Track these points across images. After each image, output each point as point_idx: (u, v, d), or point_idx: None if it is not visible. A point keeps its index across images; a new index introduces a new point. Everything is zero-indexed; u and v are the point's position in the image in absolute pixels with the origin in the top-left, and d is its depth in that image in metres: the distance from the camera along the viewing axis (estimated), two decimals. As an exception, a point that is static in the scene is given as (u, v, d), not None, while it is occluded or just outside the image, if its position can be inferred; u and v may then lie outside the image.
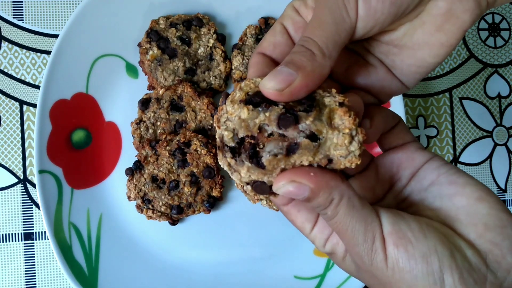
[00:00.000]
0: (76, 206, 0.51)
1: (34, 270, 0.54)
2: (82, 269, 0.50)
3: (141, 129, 0.53)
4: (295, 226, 0.31)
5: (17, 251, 0.53)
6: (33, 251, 0.54)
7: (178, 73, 0.53)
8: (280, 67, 0.25)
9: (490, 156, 0.63)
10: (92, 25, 0.51)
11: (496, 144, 0.64)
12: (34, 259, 0.54)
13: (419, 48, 0.29)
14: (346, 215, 0.26)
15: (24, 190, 0.54)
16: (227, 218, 0.55)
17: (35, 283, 0.53)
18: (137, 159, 0.52)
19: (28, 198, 0.54)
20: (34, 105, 0.54)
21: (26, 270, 0.53)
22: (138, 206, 0.52)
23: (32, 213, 0.54)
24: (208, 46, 0.54)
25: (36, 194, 0.52)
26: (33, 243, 0.54)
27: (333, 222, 0.26)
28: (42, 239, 0.54)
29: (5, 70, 0.54)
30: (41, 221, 0.54)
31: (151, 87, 0.54)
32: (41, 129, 0.50)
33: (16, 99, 0.54)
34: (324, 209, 0.26)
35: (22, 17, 0.55)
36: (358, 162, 0.25)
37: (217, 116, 0.26)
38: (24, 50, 0.55)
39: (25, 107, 0.55)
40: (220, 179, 0.52)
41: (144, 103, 0.52)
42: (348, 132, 0.25)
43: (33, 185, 0.54)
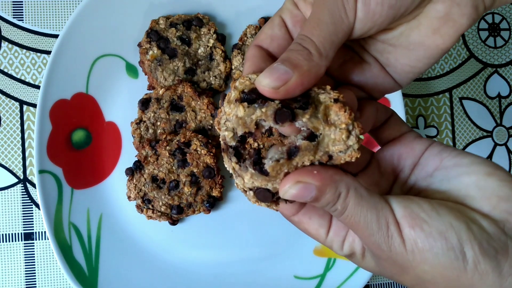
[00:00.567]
0: (76, 206, 0.51)
1: (34, 270, 0.54)
2: (82, 269, 0.50)
3: (141, 129, 0.53)
4: (309, 235, 0.31)
5: (17, 251, 0.53)
6: (33, 251, 0.54)
7: (178, 73, 0.53)
8: (276, 64, 0.25)
9: (490, 156, 0.63)
10: (92, 25, 0.51)
11: (496, 144, 0.63)
12: (34, 259, 0.54)
13: (415, 49, 0.29)
14: (356, 206, 0.26)
15: (24, 190, 0.54)
16: (227, 218, 0.55)
17: (35, 283, 0.53)
18: (137, 159, 0.52)
19: (28, 198, 0.54)
20: (34, 105, 0.54)
21: (26, 270, 0.53)
22: (138, 206, 0.52)
23: (32, 213, 0.54)
24: (208, 46, 0.54)
25: (36, 194, 0.52)
26: (33, 243, 0.54)
27: (344, 216, 0.26)
28: (42, 239, 0.54)
29: (5, 70, 0.54)
30: (41, 221, 0.54)
31: (151, 87, 0.54)
32: (41, 129, 0.50)
33: (16, 99, 0.54)
34: (333, 205, 0.26)
35: (22, 17, 0.55)
36: (358, 156, 0.26)
37: (217, 119, 0.27)
38: (24, 50, 0.55)
39: (25, 107, 0.55)
40: (220, 179, 0.52)
41: (144, 103, 0.52)
42: (345, 127, 0.25)
43: (33, 185, 0.54)
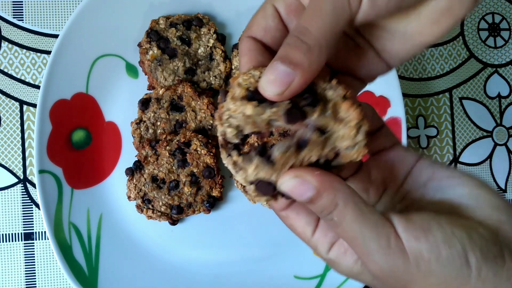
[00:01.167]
0: (76, 206, 0.51)
1: (34, 270, 0.54)
2: (82, 269, 0.50)
3: (141, 129, 0.53)
4: (294, 232, 0.30)
5: (17, 251, 0.53)
6: (33, 251, 0.54)
7: (178, 73, 0.53)
8: (276, 64, 0.25)
9: (490, 156, 0.63)
10: (92, 25, 0.51)
11: (496, 144, 0.64)
12: (34, 259, 0.54)
13: (411, 36, 0.29)
14: (354, 221, 0.25)
15: (24, 190, 0.54)
16: (227, 218, 0.55)
17: (35, 283, 0.53)
18: (137, 159, 0.52)
19: (28, 198, 0.54)
20: (34, 105, 0.54)
21: (26, 270, 0.53)
22: (138, 206, 0.52)
23: (32, 213, 0.54)
24: (208, 46, 0.54)
25: (36, 194, 0.52)
26: (33, 243, 0.54)
27: (341, 229, 0.25)
28: (42, 239, 0.54)
29: (5, 70, 0.54)
30: (41, 221, 0.54)
31: (151, 87, 0.54)
32: (41, 129, 0.50)
33: (16, 99, 0.54)
34: (329, 214, 0.25)
35: (22, 17, 0.55)
36: (365, 152, 0.26)
37: (218, 114, 0.26)
38: (24, 50, 0.55)
39: (25, 107, 0.55)
40: (220, 179, 0.52)
41: (144, 103, 0.52)
42: (355, 124, 0.25)
43: (33, 185, 0.54)
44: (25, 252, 0.54)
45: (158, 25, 0.53)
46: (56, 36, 0.55)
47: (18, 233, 0.54)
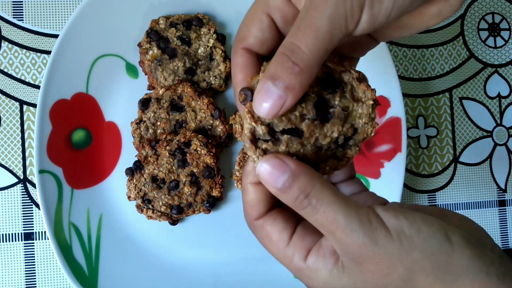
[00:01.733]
0: (76, 206, 0.51)
1: (34, 270, 0.54)
2: (82, 269, 0.50)
3: (141, 129, 0.53)
4: (269, 243, 0.28)
5: (17, 251, 0.53)
6: (33, 251, 0.54)
7: (178, 73, 0.53)
8: (267, 85, 0.25)
9: (490, 156, 0.63)
10: (92, 25, 0.51)
11: (496, 144, 0.63)
12: (34, 259, 0.54)
13: (401, 28, 0.30)
14: (333, 202, 0.25)
15: (24, 190, 0.54)
16: (227, 218, 0.55)
17: (35, 283, 0.53)
18: (137, 159, 0.52)
19: (28, 198, 0.54)
20: (34, 105, 0.54)
21: (26, 270, 0.53)
22: (138, 206, 0.52)
23: (32, 213, 0.54)
24: (208, 46, 0.54)
25: (36, 194, 0.52)
26: (33, 243, 0.54)
27: (320, 213, 0.25)
28: (42, 239, 0.54)
29: (5, 70, 0.54)
30: (41, 221, 0.54)
31: (151, 87, 0.54)
32: (41, 129, 0.50)
33: (16, 99, 0.54)
34: (306, 197, 0.25)
35: (22, 17, 0.55)
36: (377, 126, 0.29)
37: (249, 111, 0.26)
38: (24, 50, 0.55)
39: (25, 107, 0.55)
40: (220, 179, 0.52)
41: (144, 103, 0.52)
42: (372, 102, 0.28)
43: (33, 185, 0.54)
44: (25, 252, 0.54)
45: (158, 25, 0.53)
46: (56, 36, 0.55)
47: (18, 233, 0.54)
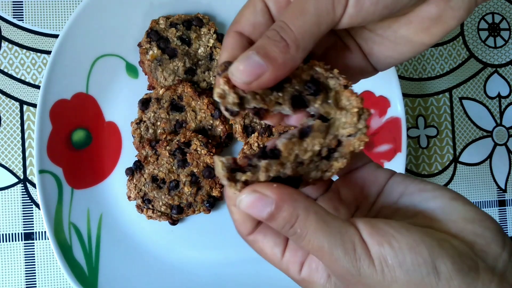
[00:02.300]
0: (76, 206, 0.51)
1: (34, 270, 0.54)
2: (82, 269, 0.50)
3: (141, 129, 0.53)
4: (265, 257, 0.29)
5: (17, 251, 0.53)
6: (33, 251, 0.54)
7: (178, 73, 0.53)
8: (251, 53, 0.24)
9: (490, 156, 0.63)
10: (92, 25, 0.51)
11: (496, 144, 0.64)
12: (34, 259, 0.54)
13: (400, 44, 0.29)
14: (318, 230, 0.24)
15: (24, 190, 0.54)
16: (227, 218, 0.55)
17: (35, 283, 0.53)
18: (137, 159, 0.52)
19: (28, 198, 0.54)
20: (34, 105, 0.54)
21: (26, 270, 0.53)
22: (138, 206, 0.52)
23: (32, 213, 0.54)
24: (208, 46, 0.54)
25: (36, 194, 0.52)
26: (33, 243, 0.54)
27: (306, 242, 0.25)
28: (42, 239, 0.54)
29: (5, 70, 0.54)
30: (41, 221, 0.54)
31: (151, 87, 0.54)
32: (41, 129, 0.50)
33: (16, 99, 0.54)
34: (291, 227, 0.25)
35: (22, 17, 0.55)
36: (367, 140, 0.26)
37: (226, 76, 0.25)
38: (24, 50, 0.55)
39: (25, 107, 0.55)
40: (220, 179, 0.52)
41: (144, 103, 0.52)
42: (357, 111, 0.26)
43: (33, 185, 0.54)
44: (25, 252, 0.54)
45: (158, 25, 0.53)
46: (56, 36, 0.55)
47: (18, 233, 0.54)
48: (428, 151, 0.62)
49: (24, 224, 0.54)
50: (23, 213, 0.54)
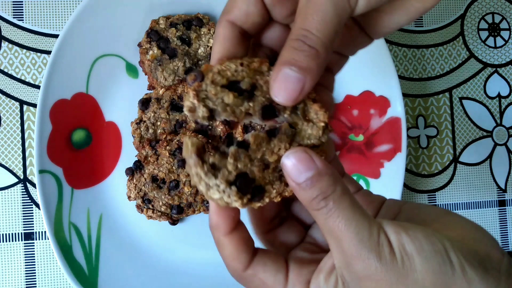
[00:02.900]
0: (76, 206, 0.51)
1: (34, 270, 0.54)
2: (82, 269, 0.50)
3: (141, 129, 0.53)
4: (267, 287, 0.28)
5: (17, 251, 0.53)
6: (33, 251, 0.54)
7: (178, 73, 0.53)
8: (285, 70, 0.25)
9: (490, 156, 0.63)
10: (92, 25, 0.51)
11: (496, 144, 0.64)
12: (34, 259, 0.54)
13: (396, 13, 0.29)
14: (350, 208, 0.24)
15: (24, 190, 0.54)
16: (227, 218, 0.55)
17: (35, 283, 0.53)
18: (137, 159, 0.52)
19: (28, 198, 0.54)
20: (34, 105, 0.54)
21: (26, 270, 0.53)
22: (138, 206, 0.52)
23: (32, 213, 0.54)
24: (208, 46, 0.54)
25: (36, 194, 0.53)
26: (33, 243, 0.54)
27: (333, 218, 0.24)
28: (42, 239, 0.54)
29: (5, 70, 0.54)
30: (41, 221, 0.54)
31: (151, 87, 0.54)
32: (41, 129, 0.50)
33: (16, 99, 0.54)
34: (324, 199, 0.25)
35: (22, 17, 0.55)
36: (325, 154, 0.27)
37: (195, 89, 0.26)
38: (24, 50, 0.55)
39: (25, 107, 0.55)
40: (220, 179, 0.52)
41: (144, 103, 0.52)
42: (323, 124, 0.27)
43: (33, 185, 0.54)
44: (25, 252, 0.54)
45: (158, 25, 0.53)
46: (56, 36, 0.55)
47: (18, 233, 0.54)
48: (428, 151, 0.62)
49: (24, 224, 0.54)
50: (23, 213, 0.54)
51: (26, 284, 0.53)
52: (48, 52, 0.55)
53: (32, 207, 0.54)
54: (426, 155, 0.62)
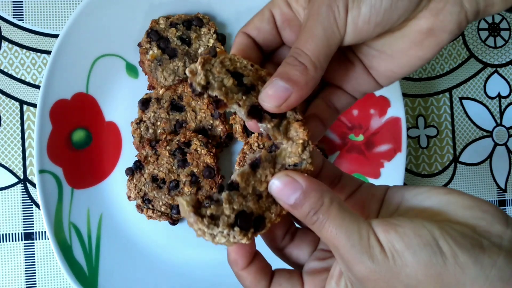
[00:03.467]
0: (76, 206, 0.51)
1: (34, 270, 0.54)
2: (82, 269, 0.50)
3: (141, 129, 0.53)
4: None
5: (17, 251, 0.53)
6: (33, 251, 0.54)
7: (178, 73, 0.53)
8: (275, 80, 0.28)
9: (490, 156, 0.63)
10: (92, 25, 0.51)
11: (496, 144, 0.64)
12: (34, 259, 0.54)
13: (397, 57, 0.31)
14: (338, 217, 0.26)
15: (24, 190, 0.54)
16: (227, 218, 0.55)
17: (35, 283, 0.53)
18: (137, 159, 0.52)
19: (28, 198, 0.54)
20: (34, 105, 0.55)
21: (26, 270, 0.53)
22: (138, 206, 0.52)
23: (32, 213, 0.54)
24: (208, 46, 0.54)
25: (36, 194, 0.53)
26: (33, 243, 0.54)
27: (326, 228, 0.26)
28: (42, 239, 0.54)
29: (5, 70, 0.54)
30: (41, 221, 0.54)
31: (151, 87, 0.54)
32: (41, 129, 0.50)
33: (16, 99, 0.54)
34: (315, 214, 0.27)
35: (22, 17, 0.55)
36: (312, 169, 0.29)
37: (205, 58, 0.28)
38: (24, 50, 0.55)
39: (25, 107, 0.55)
40: (220, 179, 0.52)
41: (144, 103, 0.52)
42: (302, 142, 0.28)
43: (33, 185, 0.54)
44: (25, 252, 0.54)
45: (158, 25, 0.53)
46: (56, 36, 0.55)
47: (18, 233, 0.54)
48: (428, 151, 0.62)
49: (24, 224, 0.54)
50: (23, 213, 0.54)
51: (26, 284, 0.53)
52: (48, 52, 0.55)
53: (32, 207, 0.54)
54: (426, 155, 0.62)
